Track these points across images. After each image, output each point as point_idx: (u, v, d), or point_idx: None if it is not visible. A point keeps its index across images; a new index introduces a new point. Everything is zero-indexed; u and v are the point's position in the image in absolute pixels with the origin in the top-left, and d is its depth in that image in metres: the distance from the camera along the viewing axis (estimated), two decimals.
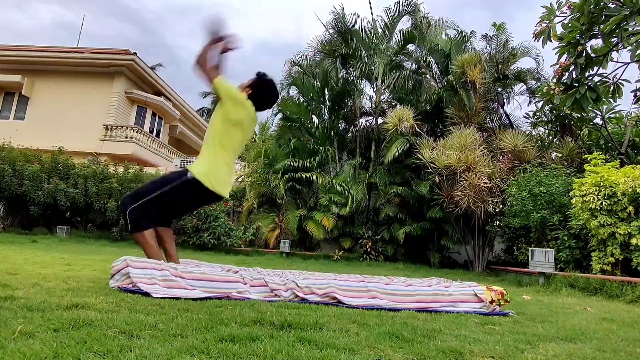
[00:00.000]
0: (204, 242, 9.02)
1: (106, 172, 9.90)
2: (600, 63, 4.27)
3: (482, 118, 9.56)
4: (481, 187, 7.64)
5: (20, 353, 1.05)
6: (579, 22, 4.05)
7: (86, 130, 14.66)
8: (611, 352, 1.63)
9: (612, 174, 5.08)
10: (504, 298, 2.74)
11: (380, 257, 9.40)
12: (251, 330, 1.52)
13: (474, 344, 1.58)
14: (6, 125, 14.83)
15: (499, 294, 2.73)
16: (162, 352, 1.17)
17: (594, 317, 2.66)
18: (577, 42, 4.21)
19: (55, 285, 2.39)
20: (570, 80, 4.53)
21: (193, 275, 2.46)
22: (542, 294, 4.36)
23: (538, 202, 6.32)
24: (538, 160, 7.93)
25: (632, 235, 4.66)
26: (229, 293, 2.40)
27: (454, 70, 9.35)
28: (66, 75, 15.42)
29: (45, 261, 3.93)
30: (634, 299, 3.94)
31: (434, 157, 8.30)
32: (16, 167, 9.22)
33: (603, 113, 7.69)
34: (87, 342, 1.19)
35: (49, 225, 9.47)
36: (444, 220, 8.98)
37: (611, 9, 3.90)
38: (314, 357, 1.25)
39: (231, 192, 10.96)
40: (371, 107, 11.65)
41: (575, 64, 4.35)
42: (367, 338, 1.56)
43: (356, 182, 10.17)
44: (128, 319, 1.52)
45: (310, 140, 10.90)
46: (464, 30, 10.66)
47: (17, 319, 1.43)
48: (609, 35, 3.93)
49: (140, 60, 15.14)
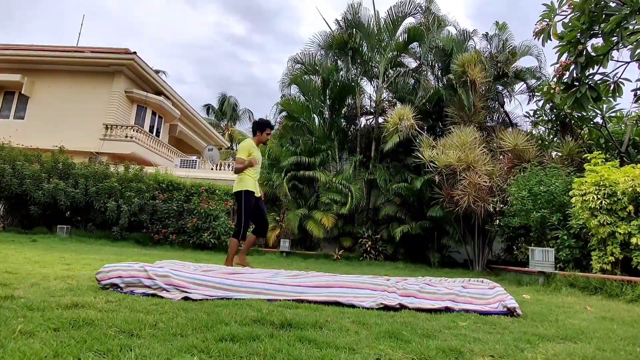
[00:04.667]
0: (204, 242, 9.02)
1: (107, 171, 9.91)
2: (601, 62, 4.27)
3: (482, 117, 9.55)
4: (481, 186, 7.64)
5: (20, 352, 1.05)
6: (579, 21, 4.04)
7: (86, 129, 14.66)
8: (611, 351, 1.63)
9: (612, 173, 5.07)
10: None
11: (380, 256, 9.40)
12: (251, 329, 1.52)
13: (474, 343, 1.58)
14: (6, 124, 14.83)
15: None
16: (162, 351, 1.17)
17: (594, 317, 2.65)
18: (578, 41, 4.21)
19: (55, 284, 2.39)
20: (571, 79, 4.52)
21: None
22: (542, 294, 4.36)
23: (538, 202, 6.32)
24: (538, 160, 7.93)
25: (632, 234, 4.66)
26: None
27: (454, 69, 9.34)
28: (66, 75, 15.41)
29: (45, 261, 3.93)
30: (634, 298, 3.93)
31: (434, 156, 8.30)
32: (16, 166, 9.21)
33: (603, 112, 7.69)
34: (87, 342, 1.19)
35: (49, 225, 9.46)
36: (444, 220, 8.98)
37: (612, 8, 3.90)
38: (314, 356, 1.25)
39: (231, 192, 10.96)
40: (372, 106, 11.65)
41: (575, 63, 4.35)
42: (367, 337, 1.56)
43: (356, 180, 10.17)
44: (128, 318, 1.52)
45: (311, 138, 10.90)
46: (466, 29, 10.68)
47: (17, 318, 1.43)
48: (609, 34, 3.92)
49: (140, 60, 15.13)
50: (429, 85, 10.70)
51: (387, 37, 10.95)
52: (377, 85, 11.28)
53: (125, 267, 2.48)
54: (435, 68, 11.18)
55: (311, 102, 11.25)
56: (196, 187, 10.07)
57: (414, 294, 2.62)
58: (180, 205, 9.48)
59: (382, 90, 11.21)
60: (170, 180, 10.12)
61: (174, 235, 9.26)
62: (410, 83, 11.23)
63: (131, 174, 9.97)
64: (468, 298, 2.62)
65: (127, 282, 2.39)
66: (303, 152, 10.47)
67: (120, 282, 2.39)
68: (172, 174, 10.76)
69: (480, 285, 3.07)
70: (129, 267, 2.47)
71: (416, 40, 10.79)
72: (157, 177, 10.10)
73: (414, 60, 11.69)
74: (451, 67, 9.61)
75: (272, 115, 12.09)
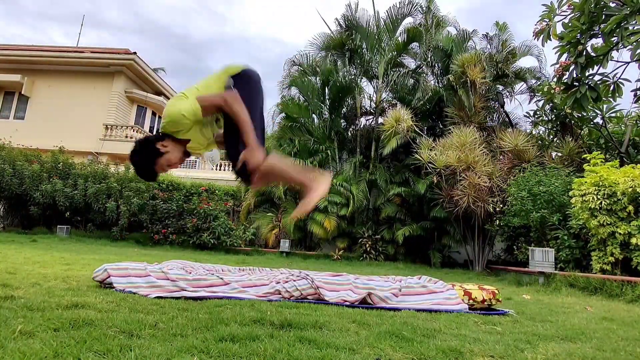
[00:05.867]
0: (204, 242, 9.02)
1: (106, 172, 9.91)
2: (601, 62, 4.27)
3: (482, 117, 9.55)
4: (481, 186, 7.64)
5: (20, 352, 1.05)
6: (579, 22, 4.04)
7: (86, 129, 14.65)
8: (611, 351, 1.63)
9: (611, 174, 5.08)
10: (496, 297, 2.74)
11: (380, 256, 9.40)
12: (251, 329, 1.52)
13: (473, 344, 1.58)
14: (6, 124, 14.82)
15: (490, 294, 2.73)
16: (162, 351, 1.17)
17: (593, 317, 2.65)
18: (578, 41, 4.21)
19: (55, 284, 2.39)
20: (571, 80, 4.52)
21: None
22: (542, 294, 4.36)
23: (538, 202, 6.32)
24: (538, 160, 7.93)
25: (632, 234, 4.66)
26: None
27: (454, 70, 9.34)
28: (66, 75, 15.41)
29: (45, 261, 3.92)
30: (633, 298, 3.94)
31: (433, 157, 8.29)
32: (16, 166, 9.20)
33: (603, 112, 7.69)
34: (87, 342, 1.19)
35: (48, 225, 9.46)
36: (444, 220, 8.98)
37: (611, 9, 3.90)
38: (314, 356, 1.25)
39: (231, 192, 10.96)
40: (371, 107, 11.65)
41: (575, 63, 4.35)
42: (367, 337, 1.56)
43: (357, 181, 10.17)
44: (128, 319, 1.52)
45: (310, 139, 10.89)
46: (466, 29, 10.67)
47: (17, 318, 1.43)
48: (609, 35, 3.92)
49: (140, 60, 15.14)
50: (429, 85, 10.69)
51: (387, 38, 10.95)
52: (377, 86, 11.28)
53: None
54: (435, 68, 11.18)
55: (310, 103, 11.25)
56: (196, 187, 10.06)
57: (322, 286, 2.59)
58: (180, 206, 9.48)
59: (381, 90, 11.20)
60: (170, 180, 10.13)
61: (174, 235, 9.26)
62: (409, 83, 11.22)
63: (131, 174, 9.96)
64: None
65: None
66: (302, 152, 10.46)
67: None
68: (172, 174, 10.76)
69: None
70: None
71: (416, 40, 10.79)
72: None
73: (413, 61, 11.68)
74: (451, 68, 9.61)
75: (271, 115, 12.09)
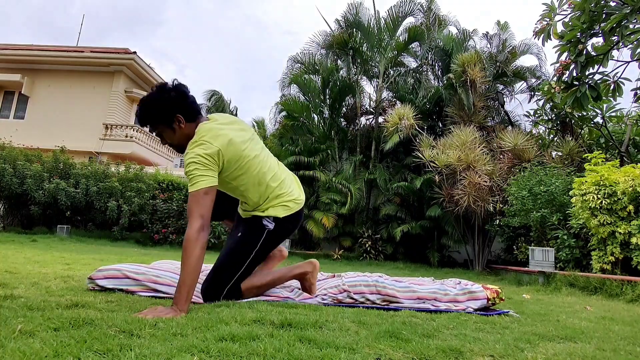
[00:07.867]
0: None
1: (107, 171, 9.92)
2: (601, 61, 4.26)
3: (482, 117, 9.56)
4: (481, 186, 7.64)
5: (20, 352, 1.05)
6: (579, 21, 4.03)
7: (86, 129, 14.67)
8: (611, 351, 1.63)
9: (612, 173, 5.07)
10: (499, 296, 2.74)
11: (380, 256, 9.40)
12: (251, 329, 1.51)
13: (473, 343, 1.58)
14: (6, 124, 14.84)
15: (494, 292, 2.74)
16: (162, 351, 1.17)
17: (594, 316, 2.65)
18: (578, 40, 4.20)
19: (55, 284, 2.39)
20: (571, 79, 4.51)
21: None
22: (542, 293, 4.36)
23: (538, 201, 6.32)
24: (538, 159, 7.93)
25: (632, 234, 4.66)
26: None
27: (454, 69, 9.34)
28: (66, 74, 15.42)
29: (45, 260, 3.93)
30: (634, 298, 3.94)
31: (434, 156, 8.30)
32: (17, 166, 9.21)
33: (603, 112, 7.69)
34: (87, 341, 1.19)
35: (49, 225, 9.47)
36: (444, 220, 8.98)
37: (612, 7, 3.89)
38: (314, 356, 1.25)
39: None
40: (372, 106, 11.65)
41: (575, 62, 4.34)
42: (367, 337, 1.56)
43: (356, 180, 10.17)
44: (128, 318, 1.52)
45: (311, 138, 10.90)
46: (466, 28, 10.69)
47: (17, 318, 1.43)
48: (609, 34, 3.91)
49: (140, 59, 15.14)
50: (429, 84, 10.70)
51: (388, 37, 10.95)
52: (377, 85, 11.28)
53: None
54: (436, 67, 11.19)
55: (311, 102, 11.25)
56: None
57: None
58: (180, 205, 9.48)
59: (382, 89, 11.21)
60: (171, 180, 10.13)
61: (174, 235, 9.27)
62: (410, 83, 11.23)
63: (132, 174, 9.98)
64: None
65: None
66: (303, 151, 10.46)
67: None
68: (172, 174, 10.77)
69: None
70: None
71: (416, 39, 10.79)
72: (157, 177, 10.11)
73: (414, 60, 11.69)
74: (451, 67, 9.61)
75: (271, 114, 12.10)
